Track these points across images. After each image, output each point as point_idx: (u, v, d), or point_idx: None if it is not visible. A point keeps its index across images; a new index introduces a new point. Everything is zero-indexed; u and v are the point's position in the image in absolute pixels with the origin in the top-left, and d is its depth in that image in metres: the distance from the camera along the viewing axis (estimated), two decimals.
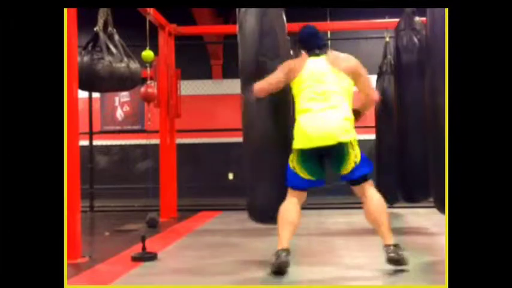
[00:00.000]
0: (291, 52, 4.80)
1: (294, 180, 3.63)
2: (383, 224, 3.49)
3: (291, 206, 3.62)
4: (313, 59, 3.70)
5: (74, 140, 4.01)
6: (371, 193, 3.54)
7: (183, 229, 5.86)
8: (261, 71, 3.98)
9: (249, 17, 4.19)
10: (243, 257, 4.20)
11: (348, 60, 3.74)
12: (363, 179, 3.56)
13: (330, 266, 3.79)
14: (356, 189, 3.61)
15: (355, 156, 3.49)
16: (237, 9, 4.39)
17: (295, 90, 3.70)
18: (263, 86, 3.79)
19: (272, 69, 3.90)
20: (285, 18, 4.39)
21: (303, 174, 3.59)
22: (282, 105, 4.08)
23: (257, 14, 4.16)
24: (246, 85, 4.14)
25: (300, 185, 3.64)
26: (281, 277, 3.49)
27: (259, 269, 3.74)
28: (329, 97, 3.55)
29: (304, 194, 3.70)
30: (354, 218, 6.36)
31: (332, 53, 3.81)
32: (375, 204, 3.51)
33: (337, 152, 3.50)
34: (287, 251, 3.49)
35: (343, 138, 3.46)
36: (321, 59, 3.69)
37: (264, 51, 4.13)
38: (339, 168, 3.55)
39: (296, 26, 4.35)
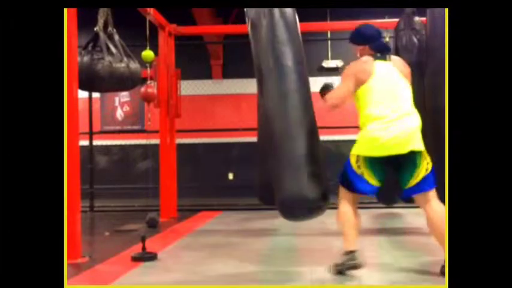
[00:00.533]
0: None
1: (360, 185, 3.48)
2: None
3: (351, 208, 3.52)
4: (381, 62, 3.52)
5: (74, 140, 4.01)
6: (435, 204, 3.39)
7: (183, 229, 5.86)
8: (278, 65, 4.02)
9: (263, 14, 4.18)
10: (243, 257, 4.20)
11: (406, 65, 3.64)
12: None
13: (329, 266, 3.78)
14: (418, 197, 3.46)
15: (427, 165, 3.38)
16: (245, 9, 4.39)
17: (362, 97, 3.49)
18: (337, 100, 3.60)
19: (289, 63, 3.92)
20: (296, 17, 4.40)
21: (372, 180, 3.45)
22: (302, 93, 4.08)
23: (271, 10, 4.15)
24: (263, 82, 4.14)
25: (365, 190, 3.50)
26: (281, 277, 3.50)
27: (259, 269, 3.74)
28: (403, 104, 3.42)
29: (358, 197, 3.60)
30: None
31: (393, 57, 3.67)
32: (440, 216, 3.30)
33: (409, 161, 3.36)
34: (358, 252, 3.46)
35: (416, 147, 3.36)
36: (389, 63, 3.54)
37: (280, 42, 4.13)
38: (408, 179, 3.39)
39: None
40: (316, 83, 10.11)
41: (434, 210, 3.37)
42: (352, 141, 3.67)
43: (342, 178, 3.59)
